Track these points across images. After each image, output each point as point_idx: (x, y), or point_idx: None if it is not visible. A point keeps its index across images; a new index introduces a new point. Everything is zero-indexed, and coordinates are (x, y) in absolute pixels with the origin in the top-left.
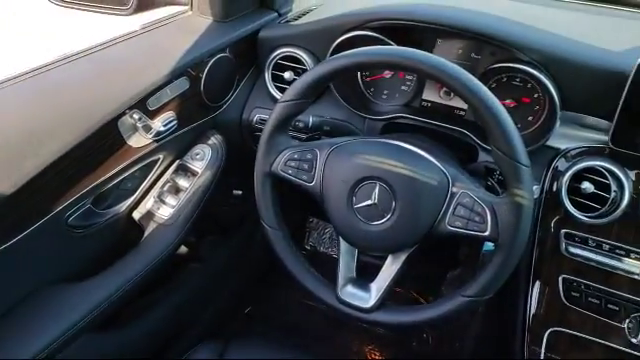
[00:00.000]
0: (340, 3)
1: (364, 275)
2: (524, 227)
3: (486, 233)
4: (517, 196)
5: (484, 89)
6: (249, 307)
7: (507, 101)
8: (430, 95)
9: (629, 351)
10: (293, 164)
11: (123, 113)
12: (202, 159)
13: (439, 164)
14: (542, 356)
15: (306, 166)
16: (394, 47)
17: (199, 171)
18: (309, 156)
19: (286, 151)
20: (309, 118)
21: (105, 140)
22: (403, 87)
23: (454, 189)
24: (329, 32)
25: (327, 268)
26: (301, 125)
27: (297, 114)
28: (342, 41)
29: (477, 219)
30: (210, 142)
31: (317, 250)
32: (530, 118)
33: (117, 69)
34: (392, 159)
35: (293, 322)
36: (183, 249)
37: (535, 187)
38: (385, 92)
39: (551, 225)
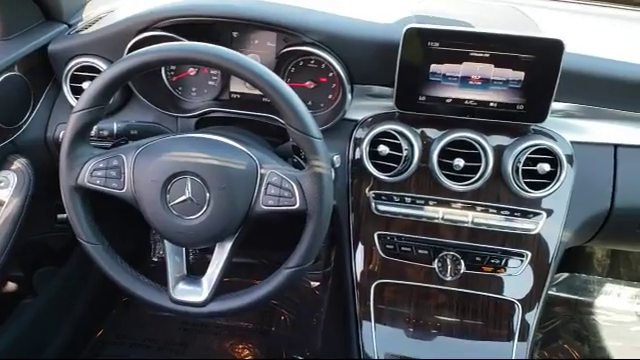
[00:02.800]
0: (131, 8)
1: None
2: (327, 193)
3: (296, 206)
4: (316, 167)
5: (270, 74)
6: (100, 330)
7: (307, 83)
8: (237, 87)
9: (442, 287)
10: (100, 173)
11: None
12: (7, 187)
13: (246, 149)
14: (372, 308)
15: (114, 173)
16: (179, 43)
17: (5, 200)
18: (115, 162)
19: (90, 161)
20: (113, 125)
21: None
22: (210, 82)
23: (262, 170)
24: (120, 36)
25: None
26: (105, 133)
27: (94, 122)
28: (134, 44)
29: (286, 194)
30: (14, 167)
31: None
32: (330, 96)
33: None
34: (199, 152)
35: (150, 337)
36: (11, 285)
37: (336, 156)
38: (193, 89)
39: (360, 189)
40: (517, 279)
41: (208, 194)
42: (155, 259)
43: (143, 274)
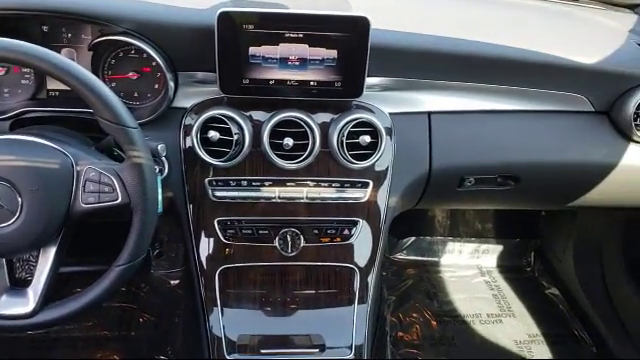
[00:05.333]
0: None
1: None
2: (150, 184)
3: (119, 200)
4: (135, 157)
5: (73, 66)
6: None
7: (130, 74)
8: (55, 84)
9: (285, 263)
10: None
11: None
12: None
13: (59, 147)
14: (218, 294)
15: None
16: None
17: None
18: None
19: None
20: None
21: None
22: (24, 81)
23: (78, 168)
24: None
25: None
26: None
27: None
28: None
29: (107, 189)
30: None
31: None
32: (156, 86)
33: None
34: (5, 154)
35: None
36: None
37: (160, 146)
38: (6, 90)
39: (195, 177)
40: (353, 246)
41: (20, 198)
42: None
43: None
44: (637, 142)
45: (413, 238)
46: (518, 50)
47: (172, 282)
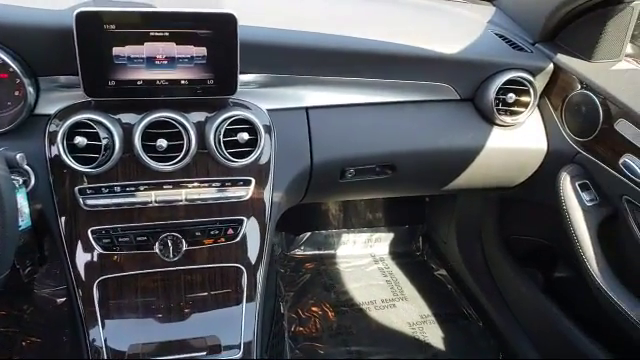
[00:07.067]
0: None
1: None
2: (5, 196)
3: None
4: None
5: None
6: None
7: None
8: None
9: (170, 269)
10: None
11: None
12: None
13: None
14: (97, 307)
15: None
16: None
17: None
18: None
19: None
20: None
21: None
22: None
23: None
24: None
25: None
26: None
27: None
28: None
29: None
30: None
31: None
32: (17, 93)
33: None
34: None
35: None
36: None
37: (19, 155)
38: None
39: (64, 187)
40: (239, 245)
41: None
42: None
43: None
44: (499, 125)
45: (309, 233)
46: (386, 44)
47: (58, 300)
